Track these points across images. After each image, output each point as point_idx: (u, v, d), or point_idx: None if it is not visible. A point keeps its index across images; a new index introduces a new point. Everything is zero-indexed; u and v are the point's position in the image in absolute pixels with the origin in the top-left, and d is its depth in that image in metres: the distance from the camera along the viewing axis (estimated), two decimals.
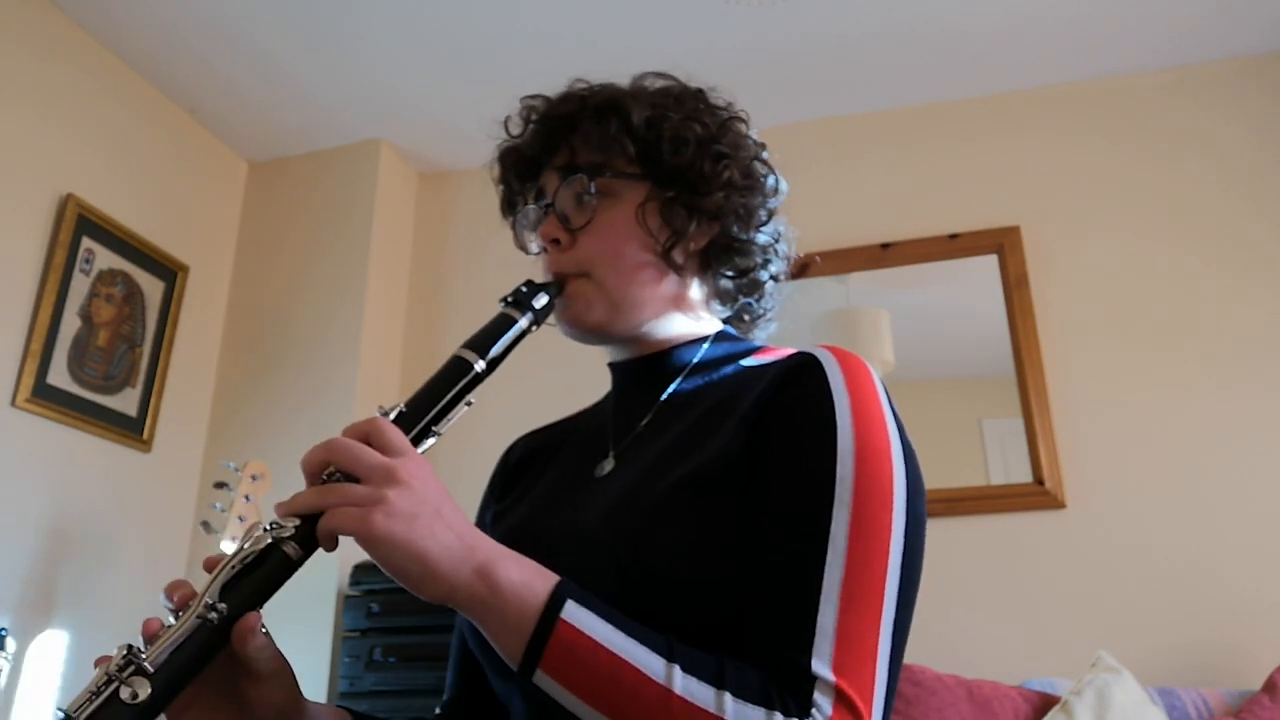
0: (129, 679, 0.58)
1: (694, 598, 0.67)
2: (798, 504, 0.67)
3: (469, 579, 0.61)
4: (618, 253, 0.83)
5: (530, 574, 0.63)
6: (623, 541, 0.71)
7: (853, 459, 0.67)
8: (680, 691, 0.59)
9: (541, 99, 0.88)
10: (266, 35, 2.63)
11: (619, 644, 0.61)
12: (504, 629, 0.61)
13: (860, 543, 0.65)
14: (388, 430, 0.65)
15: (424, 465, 0.65)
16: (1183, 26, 2.59)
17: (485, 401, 0.76)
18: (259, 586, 0.63)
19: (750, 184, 0.86)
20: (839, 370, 0.72)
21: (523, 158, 0.88)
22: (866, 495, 0.66)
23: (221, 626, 0.61)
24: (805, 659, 0.61)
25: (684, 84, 0.89)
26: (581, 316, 0.83)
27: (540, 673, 0.60)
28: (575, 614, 0.61)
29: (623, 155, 0.83)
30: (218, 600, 0.61)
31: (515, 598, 0.61)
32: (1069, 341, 2.56)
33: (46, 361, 2.38)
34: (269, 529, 0.63)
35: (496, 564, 0.62)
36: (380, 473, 0.62)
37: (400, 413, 0.70)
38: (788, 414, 0.71)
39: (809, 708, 0.59)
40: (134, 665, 0.58)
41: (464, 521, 0.64)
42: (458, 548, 0.62)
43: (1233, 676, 2.12)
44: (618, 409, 0.89)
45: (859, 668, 0.61)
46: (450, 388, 0.73)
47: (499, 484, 0.95)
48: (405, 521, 0.60)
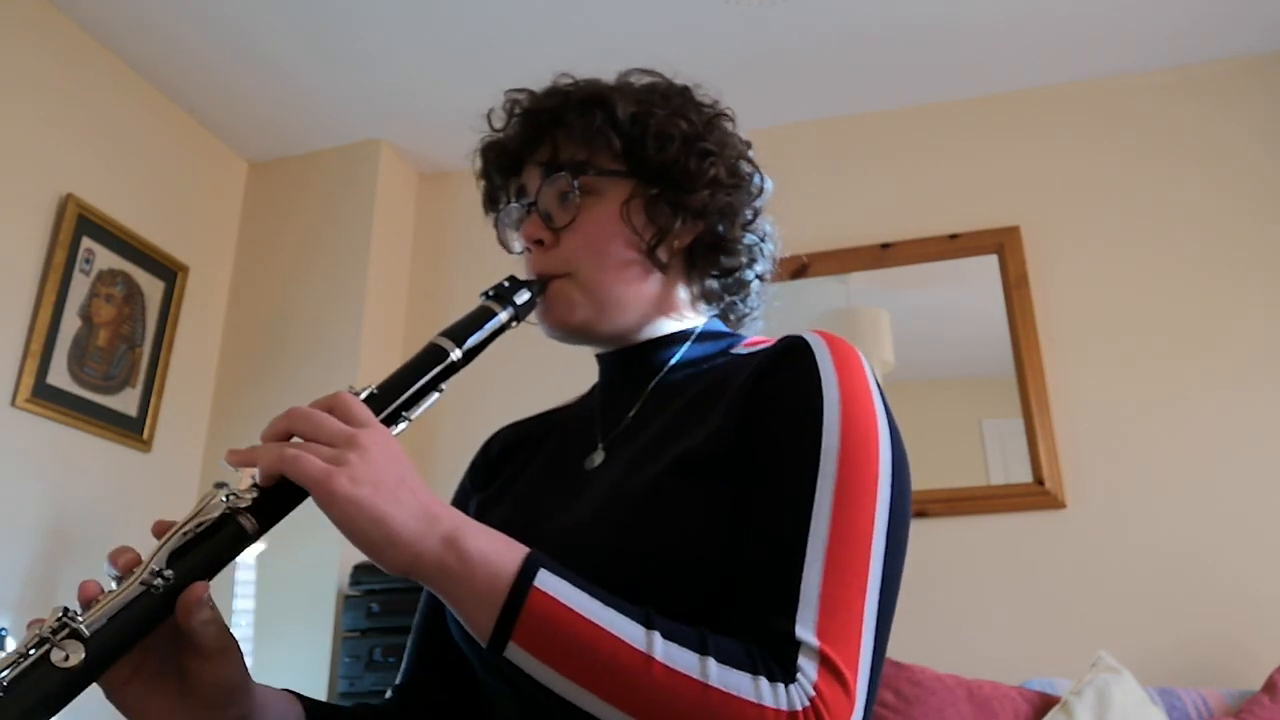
0: (61, 641, 0.54)
1: (687, 581, 0.67)
2: (784, 477, 0.67)
3: (435, 547, 0.59)
4: (602, 251, 0.82)
5: (500, 544, 0.61)
6: (616, 529, 0.71)
7: (839, 433, 0.67)
8: (661, 658, 0.57)
9: (525, 93, 0.87)
10: (267, 35, 2.63)
11: (596, 612, 0.59)
12: (473, 599, 0.59)
13: (845, 513, 0.64)
14: (351, 403, 0.64)
15: (388, 437, 0.63)
16: (1183, 26, 2.59)
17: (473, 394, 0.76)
18: (209, 557, 0.59)
19: (736, 182, 0.85)
20: (827, 352, 0.72)
21: (505, 152, 0.87)
22: (852, 467, 0.66)
23: (166, 595, 0.57)
24: (789, 625, 0.60)
25: (670, 80, 0.88)
26: (565, 317, 0.83)
27: (513, 645, 0.57)
28: (549, 582, 0.59)
29: (607, 151, 0.82)
30: (164, 568, 0.57)
31: (485, 566, 0.59)
32: (1069, 341, 2.56)
33: (46, 361, 2.38)
34: (225, 498, 0.60)
35: (464, 532, 0.60)
36: (343, 438, 0.60)
37: (371, 394, 0.68)
38: (776, 393, 0.71)
39: (794, 672, 0.58)
40: (68, 628, 0.54)
41: (429, 492, 0.62)
42: (422, 515, 0.59)
43: (1233, 676, 2.12)
44: (605, 401, 0.89)
45: (844, 634, 0.60)
46: (423, 373, 0.71)
47: (480, 475, 0.94)
48: (369, 485, 0.58)
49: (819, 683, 0.58)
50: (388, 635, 2.42)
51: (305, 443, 0.61)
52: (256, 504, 0.60)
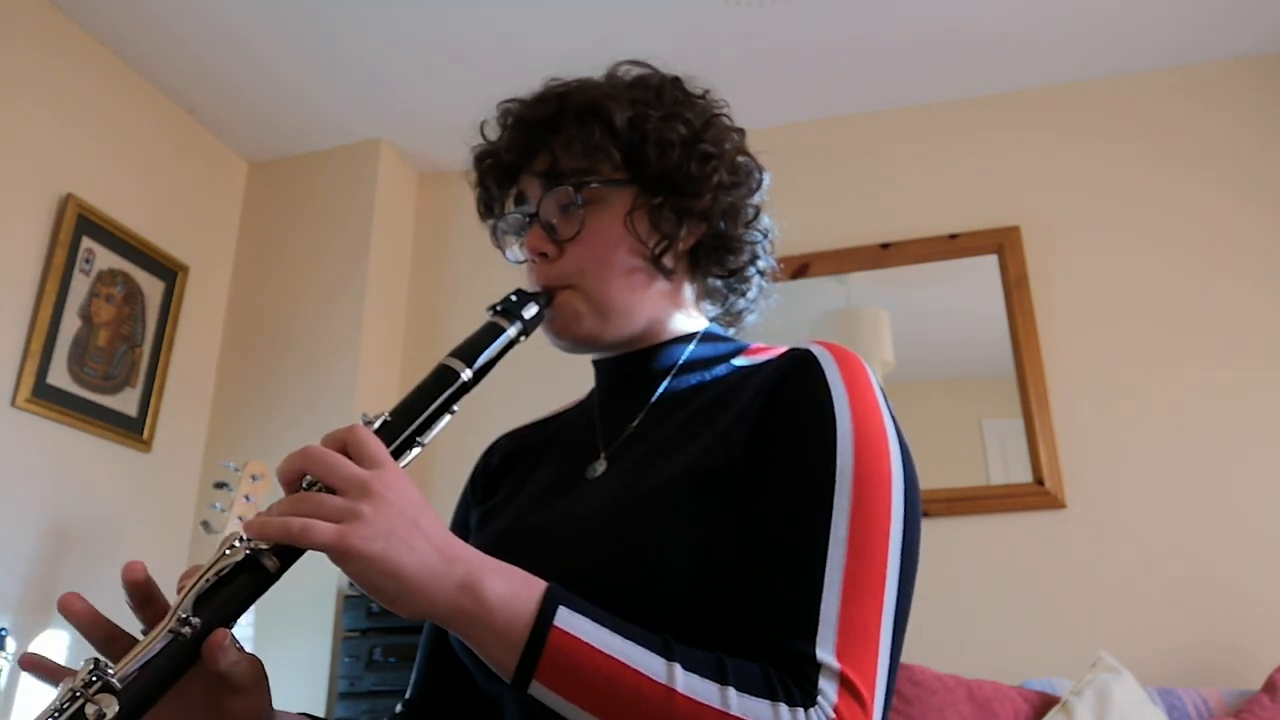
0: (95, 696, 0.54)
1: (692, 592, 0.67)
2: (798, 495, 0.67)
3: (451, 594, 0.59)
4: (607, 262, 0.81)
5: (517, 583, 0.61)
6: (620, 538, 0.70)
7: (852, 451, 0.68)
8: (683, 690, 0.58)
9: (517, 102, 0.85)
10: (267, 35, 2.63)
11: (616, 647, 0.59)
12: (494, 642, 0.59)
13: (861, 532, 0.65)
14: (366, 439, 0.63)
15: (402, 477, 0.62)
16: (1183, 26, 2.59)
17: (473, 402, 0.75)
18: (234, 600, 0.60)
19: (737, 181, 0.85)
20: (835, 366, 0.73)
21: (501, 162, 0.86)
22: (866, 486, 0.66)
23: (193, 641, 0.58)
24: (809, 647, 0.61)
25: (660, 72, 0.87)
26: (571, 328, 0.82)
27: (536, 684, 0.58)
28: (569, 620, 0.60)
29: (608, 162, 0.81)
30: (191, 614, 0.58)
31: (504, 609, 0.59)
32: (1069, 341, 2.56)
33: (46, 361, 2.38)
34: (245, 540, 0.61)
35: (481, 577, 0.60)
36: (356, 485, 0.60)
37: (385, 422, 0.68)
38: (787, 409, 0.71)
39: (814, 695, 0.59)
40: (101, 681, 0.55)
41: (444, 533, 0.62)
42: (437, 562, 0.60)
43: (1233, 676, 2.12)
44: (604, 409, 0.88)
45: (862, 655, 0.61)
46: (436, 397, 0.71)
47: (480, 485, 0.93)
48: (382, 539, 0.58)
49: (839, 704, 0.59)
50: (388, 635, 2.42)
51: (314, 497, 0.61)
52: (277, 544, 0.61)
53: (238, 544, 0.61)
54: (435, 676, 0.87)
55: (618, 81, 0.85)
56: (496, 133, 0.86)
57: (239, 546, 0.61)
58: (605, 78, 0.86)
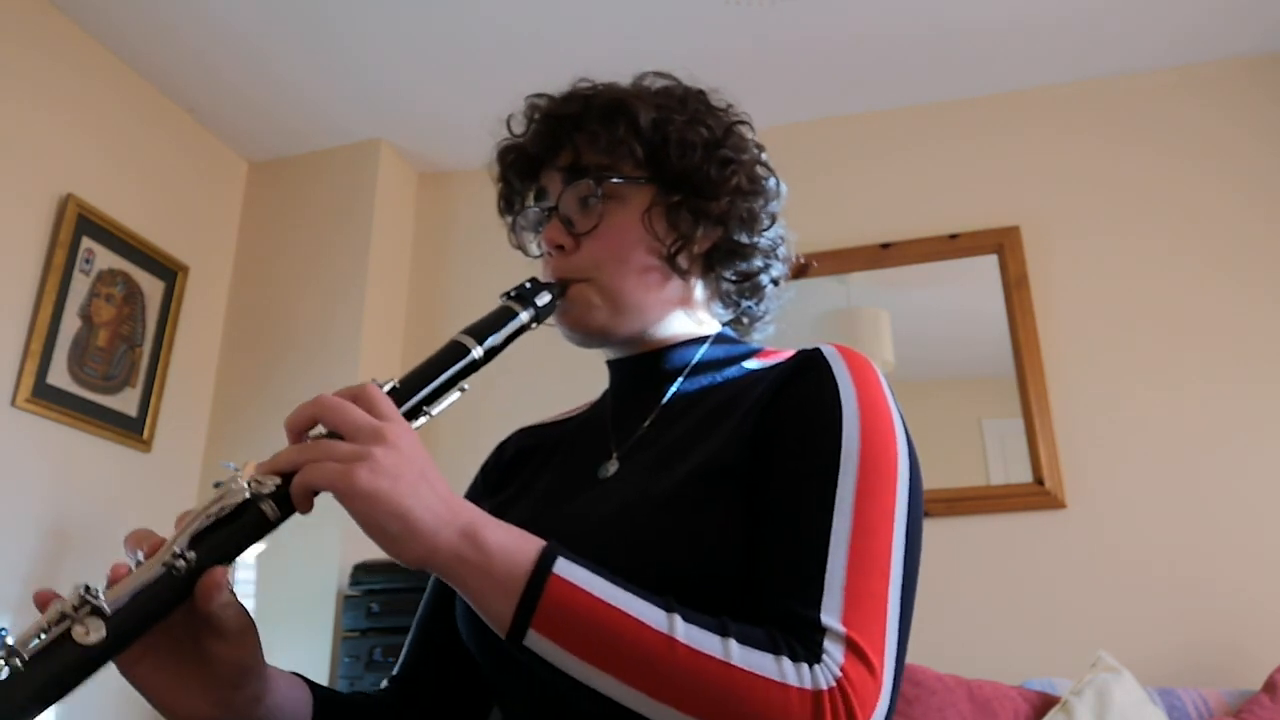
0: (83, 618, 0.54)
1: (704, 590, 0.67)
2: (804, 477, 0.67)
3: (453, 539, 0.60)
4: (623, 257, 0.82)
5: (517, 536, 0.61)
6: (632, 537, 0.71)
7: (858, 436, 0.68)
8: (684, 639, 0.57)
9: (545, 97, 0.87)
10: (267, 35, 2.63)
11: (616, 596, 0.59)
12: (491, 589, 0.59)
13: (866, 508, 0.65)
14: (377, 395, 0.64)
15: (411, 432, 0.63)
16: (1183, 27, 2.59)
17: (486, 397, 0.76)
18: (231, 541, 0.60)
19: (754, 188, 0.86)
20: (843, 363, 0.74)
21: (524, 156, 0.87)
22: (872, 466, 0.67)
23: (187, 577, 0.58)
24: (814, 612, 0.61)
25: (685, 85, 0.89)
26: (584, 321, 0.83)
27: (532, 633, 0.58)
28: (568, 569, 0.60)
29: (630, 159, 0.83)
30: (186, 550, 0.58)
31: (503, 556, 0.59)
32: (1069, 341, 2.56)
33: (46, 361, 2.38)
34: (248, 484, 0.60)
35: (482, 525, 0.61)
36: (367, 431, 0.61)
37: (394, 388, 0.69)
38: (794, 402, 0.72)
39: (819, 653, 0.58)
40: (90, 605, 0.55)
41: (447, 487, 0.63)
42: (441, 509, 0.60)
43: (1233, 676, 2.12)
44: (617, 409, 0.89)
45: (869, 623, 0.61)
46: (445, 369, 0.72)
47: (493, 478, 0.94)
48: (389, 479, 0.58)
49: (845, 664, 0.58)
50: (388, 635, 2.42)
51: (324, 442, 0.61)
52: (279, 490, 0.61)
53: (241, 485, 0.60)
54: (424, 658, 0.88)
55: (644, 88, 0.87)
56: (522, 126, 0.88)
57: (239, 489, 0.60)
58: (632, 84, 0.87)
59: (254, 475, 0.61)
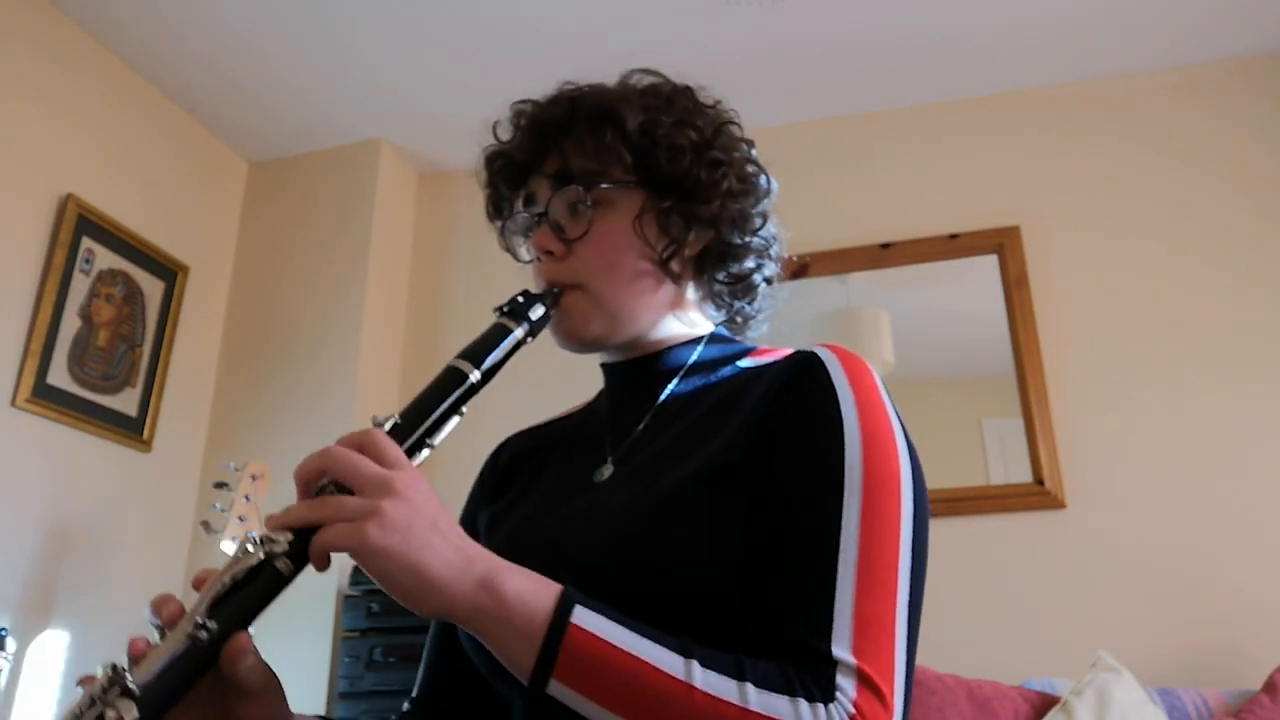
0: (114, 701, 0.55)
1: (702, 592, 0.67)
2: (808, 494, 0.67)
3: (470, 591, 0.60)
4: (615, 263, 0.81)
5: (534, 583, 0.62)
6: (630, 540, 0.71)
7: (860, 448, 0.68)
8: (702, 686, 0.58)
9: (530, 103, 0.86)
10: (266, 35, 2.63)
11: (633, 644, 0.59)
12: (511, 640, 0.60)
13: (872, 528, 0.65)
14: (383, 442, 0.64)
15: (419, 478, 0.63)
16: (1183, 27, 2.59)
17: (481, 400, 0.76)
18: (250, 604, 0.61)
19: (745, 188, 0.85)
20: (840, 367, 0.73)
21: (511, 162, 0.86)
22: (875, 482, 0.67)
23: (211, 646, 0.59)
24: (825, 644, 0.61)
25: (672, 82, 0.87)
26: (579, 331, 0.82)
27: (555, 682, 0.58)
28: (585, 618, 0.60)
29: (619, 164, 0.81)
30: (207, 619, 0.59)
31: (521, 606, 0.60)
32: (1069, 341, 2.56)
33: (46, 361, 2.38)
34: (261, 543, 0.61)
35: (499, 574, 0.61)
36: (376, 484, 0.61)
37: (395, 424, 0.69)
38: (793, 410, 0.72)
39: (832, 691, 0.59)
40: (119, 686, 0.56)
41: (461, 534, 0.63)
42: (456, 560, 0.60)
43: (1233, 676, 2.12)
44: (612, 411, 0.88)
45: (878, 650, 0.61)
46: (444, 398, 0.71)
47: (490, 485, 0.94)
48: (400, 534, 0.59)
49: (858, 699, 0.58)
50: (388, 635, 2.42)
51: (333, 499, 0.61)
52: (292, 546, 0.61)
53: (251, 548, 0.61)
54: (443, 675, 0.87)
55: (630, 88, 0.86)
56: (509, 133, 0.87)
57: (253, 551, 0.61)
58: (617, 84, 0.86)
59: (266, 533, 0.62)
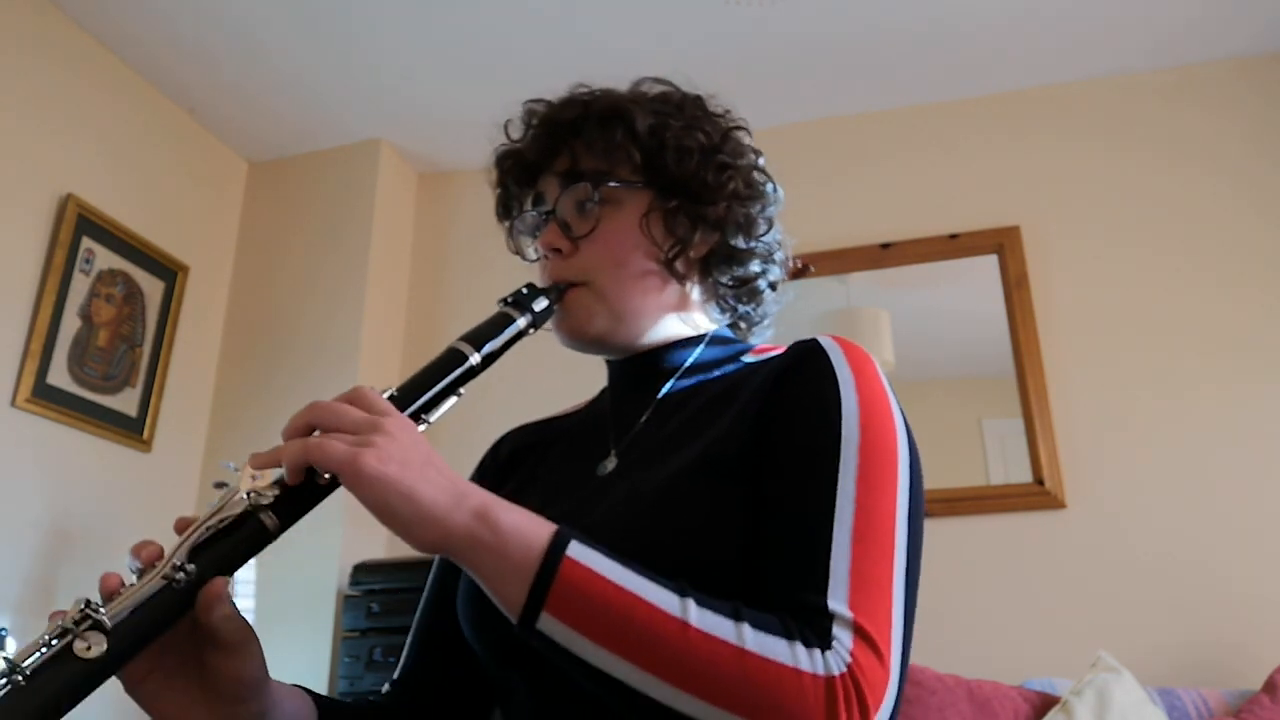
0: (84, 633, 0.54)
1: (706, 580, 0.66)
2: (806, 463, 0.68)
3: (466, 520, 0.59)
4: (620, 262, 0.82)
5: (529, 518, 0.62)
6: (632, 531, 0.71)
7: (858, 422, 0.69)
8: (696, 623, 0.57)
9: (543, 103, 0.87)
10: (267, 35, 2.63)
11: (629, 580, 0.59)
12: (505, 571, 0.59)
13: (868, 493, 0.65)
14: (372, 395, 0.64)
15: (410, 423, 0.64)
16: (1182, 27, 2.59)
17: (483, 397, 0.76)
18: (231, 553, 0.60)
19: (751, 193, 0.86)
20: (841, 353, 0.74)
21: (522, 162, 0.87)
22: (872, 451, 0.67)
23: (188, 589, 0.58)
24: (821, 599, 0.61)
25: (683, 90, 0.89)
26: (583, 327, 0.83)
27: (545, 615, 0.58)
28: (580, 552, 0.60)
29: (627, 163, 0.83)
30: (186, 562, 0.58)
31: (517, 537, 0.59)
32: (1069, 341, 2.56)
33: (46, 361, 2.38)
34: (247, 496, 0.60)
35: (494, 507, 0.61)
36: (366, 425, 0.61)
37: (391, 396, 0.69)
38: (793, 393, 0.73)
39: (829, 640, 0.59)
40: (91, 620, 0.55)
41: (454, 472, 0.63)
42: (451, 491, 0.60)
43: (1233, 676, 2.12)
44: (615, 406, 0.89)
45: (875, 607, 0.61)
46: (442, 377, 0.72)
47: (489, 477, 0.94)
48: (396, 463, 0.59)
49: (854, 650, 0.58)
50: (387, 635, 2.42)
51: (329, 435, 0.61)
52: (278, 501, 0.61)
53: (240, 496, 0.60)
54: (425, 660, 0.87)
55: (641, 94, 0.87)
56: (520, 132, 0.88)
57: (238, 500, 0.60)
58: (629, 90, 0.88)
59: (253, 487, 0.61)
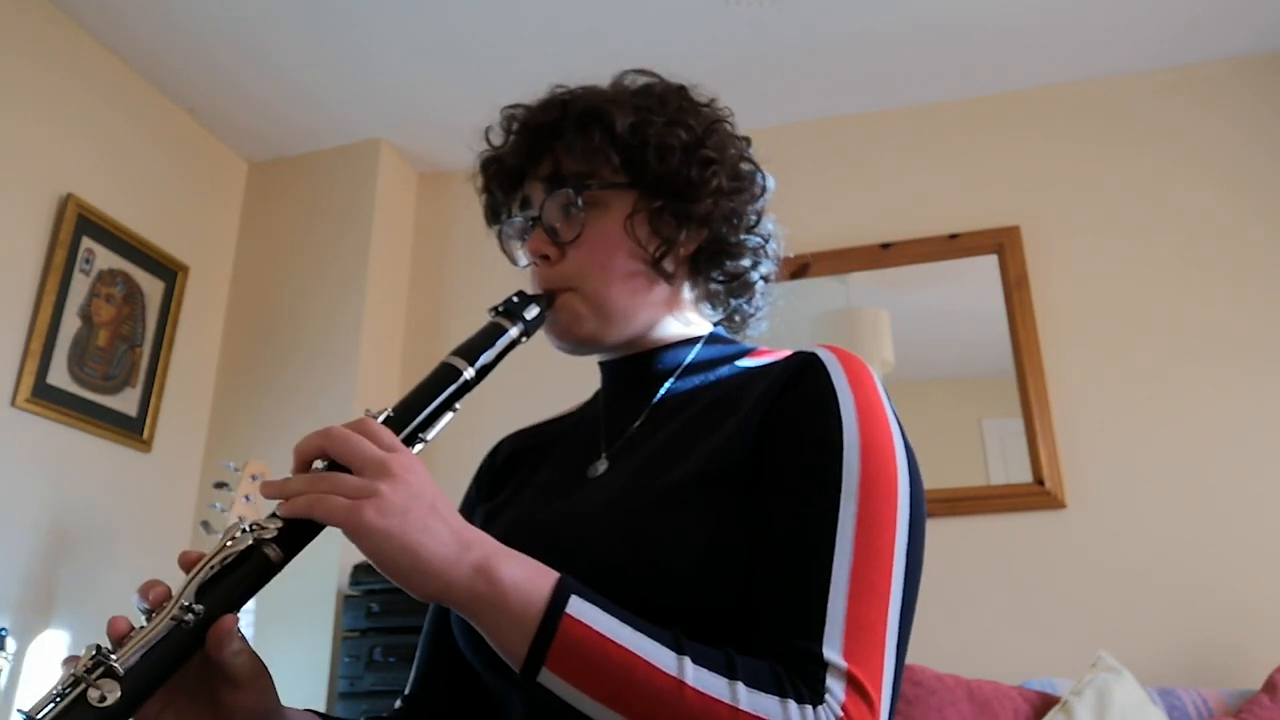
0: (97, 680, 0.55)
1: (698, 591, 0.67)
2: (805, 497, 0.67)
3: (466, 575, 0.60)
4: (607, 265, 0.82)
5: (531, 571, 0.61)
6: (625, 536, 0.71)
7: (858, 454, 0.68)
8: (693, 683, 0.58)
9: (521, 107, 0.86)
10: (267, 35, 2.63)
11: (627, 638, 0.59)
12: (505, 627, 0.60)
13: (867, 534, 0.65)
14: (379, 428, 0.64)
15: (418, 463, 0.64)
16: (1181, 27, 2.59)
17: (477, 403, 0.75)
18: (237, 589, 0.60)
19: (738, 187, 0.85)
20: (841, 369, 0.73)
21: (505, 167, 0.87)
22: (872, 488, 0.67)
23: (197, 629, 0.58)
24: (816, 646, 0.61)
25: (665, 81, 0.87)
26: (572, 330, 0.83)
27: (546, 671, 0.58)
28: (580, 609, 0.60)
29: (608, 165, 0.82)
30: (194, 601, 0.59)
31: (517, 593, 0.60)
32: (1069, 341, 2.56)
33: (46, 361, 2.38)
34: (250, 529, 0.61)
35: (495, 560, 0.61)
36: (374, 465, 0.61)
37: (388, 417, 0.68)
38: (793, 412, 0.72)
39: (821, 693, 0.59)
40: (103, 666, 0.55)
41: (459, 518, 0.63)
42: (453, 543, 0.60)
43: (1233, 676, 2.12)
44: (609, 408, 0.89)
45: (869, 654, 0.61)
46: (438, 394, 0.72)
47: (486, 483, 0.94)
48: (398, 515, 0.59)
49: (846, 703, 0.59)
50: (387, 635, 2.41)
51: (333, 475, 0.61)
52: (281, 534, 0.61)
53: (240, 534, 0.61)
54: (435, 672, 0.87)
55: (622, 89, 0.86)
56: (501, 138, 0.87)
57: (242, 535, 0.61)
58: (610, 85, 0.87)
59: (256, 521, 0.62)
